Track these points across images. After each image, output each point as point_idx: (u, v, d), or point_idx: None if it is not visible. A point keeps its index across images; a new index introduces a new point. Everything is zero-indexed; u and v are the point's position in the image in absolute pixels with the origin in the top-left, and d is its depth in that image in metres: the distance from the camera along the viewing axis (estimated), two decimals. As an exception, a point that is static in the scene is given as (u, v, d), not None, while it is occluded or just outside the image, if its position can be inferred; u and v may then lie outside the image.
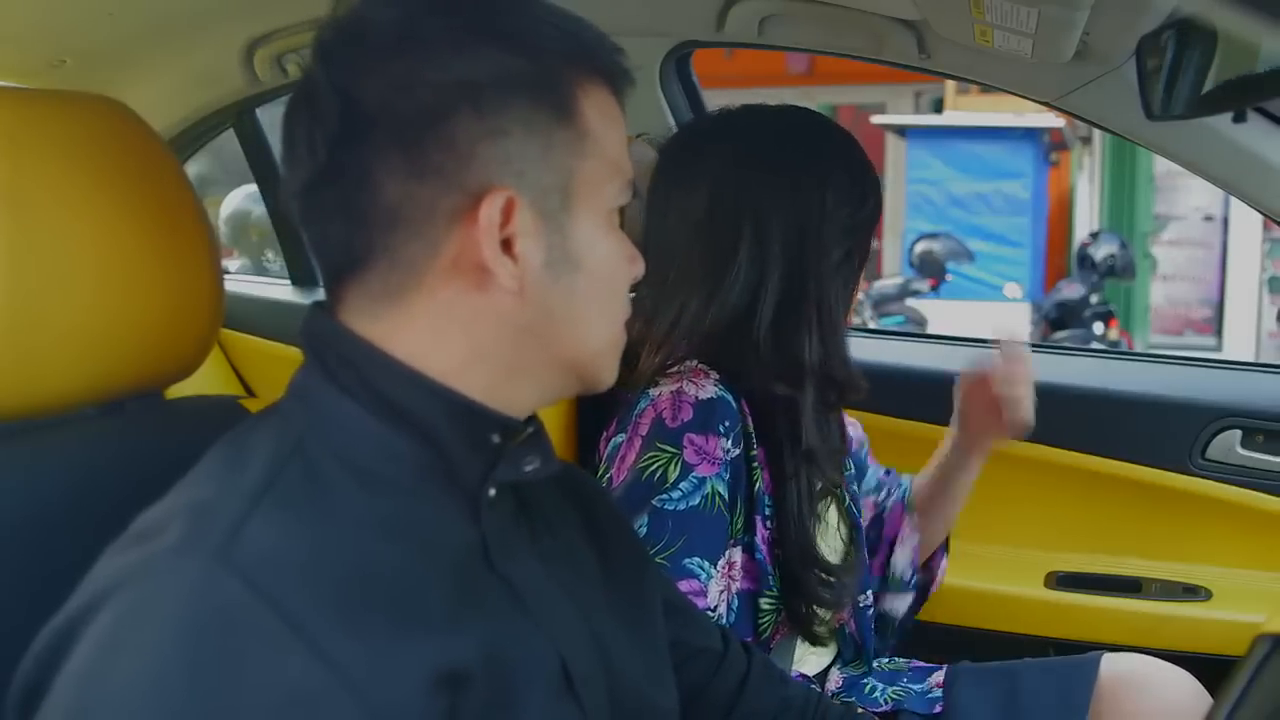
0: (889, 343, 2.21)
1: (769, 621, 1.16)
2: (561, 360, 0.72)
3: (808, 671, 1.26)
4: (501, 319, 0.68)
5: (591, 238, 0.70)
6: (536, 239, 0.68)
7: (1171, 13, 1.03)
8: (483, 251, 0.66)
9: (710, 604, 1.08)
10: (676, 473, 1.08)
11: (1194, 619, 1.53)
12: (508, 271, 0.67)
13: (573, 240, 0.69)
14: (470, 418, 0.69)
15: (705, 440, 1.09)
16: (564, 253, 0.69)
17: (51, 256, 0.77)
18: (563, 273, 0.69)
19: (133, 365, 0.85)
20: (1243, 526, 1.60)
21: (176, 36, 1.61)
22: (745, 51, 1.81)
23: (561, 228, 0.69)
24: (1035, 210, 8.32)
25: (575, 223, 0.69)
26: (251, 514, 0.60)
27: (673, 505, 1.08)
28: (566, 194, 0.69)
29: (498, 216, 0.66)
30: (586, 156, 0.69)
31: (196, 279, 0.86)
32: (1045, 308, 7.36)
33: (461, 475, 0.69)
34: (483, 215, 0.65)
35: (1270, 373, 1.83)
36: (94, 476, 0.80)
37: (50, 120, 0.81)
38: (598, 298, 0.72)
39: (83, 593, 0.60)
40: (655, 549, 1.06)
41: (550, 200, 0.68)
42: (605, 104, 0.72)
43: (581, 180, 0.69)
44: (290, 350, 2.14)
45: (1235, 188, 1.39)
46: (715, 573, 1.08)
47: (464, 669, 0.64)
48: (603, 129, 0.71)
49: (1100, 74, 1.29)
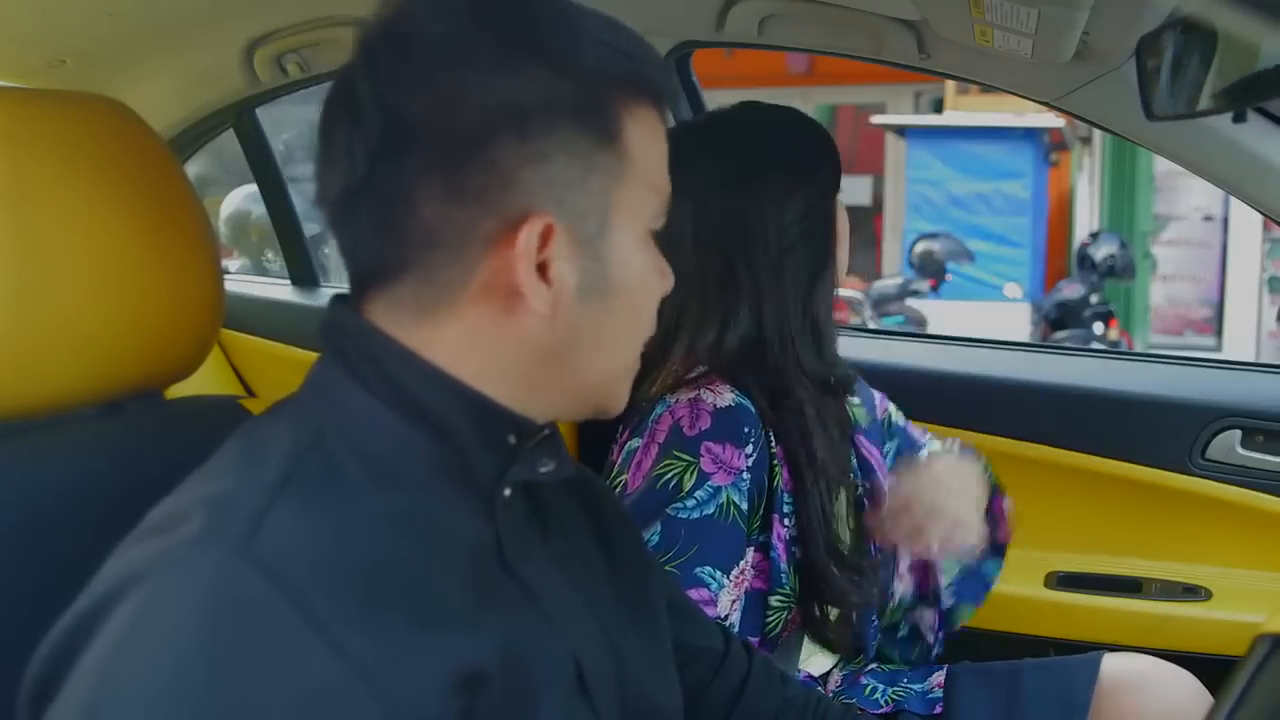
0: (889, 343, 2.21)
1: (777, 620, 1.16)
2: (579, 384, 0.71)
3: (814, 671, 1.26)
4: (527, 341, 0.68)
5: (627, 260, 0.69)
6: (572, 263, 0.67)
7: (1171, 13, 1.03)
8: (518, 276, 0.65)
9: (720, 613, 1.07)
10: (692, 481, 1.08)
11: (1194, 619, 1.53)
12: (541, 296, 0.66)
13: (609, 264, 0.68)
14: (488, 417, 0.68)
15: (723, 449, 1.09)
16: (598, 277, 0.68)
17: (51, 256, 0.77)
18: (595, 297, 0.68)
19: (133, 365, 0.85)
20: (1243, 526, 1.60)
21: (176, 36, 1.61)
22: (745, 51, 1.81)
23: (598, 253, 0.68)
24: (1035, 210, 8.31)
25: (612, 246, 0.68)
26: (271, 508, 0.60)
27: (686, 514, 1.07)
28: (604, 217, 0.68)
29: (535, 241, 0.65)
30: (627, 180, 0.68)
31: (196, 279, 0.86)
32: (1045, 308, 7.35)
33: (477, 474, 0.69)
34: (521, 240, 0.64)
35: (1270, 373, 1.83)
36: (94, 476, 0.80)
37: (50, 120, 0.81)
38: (626, 322, 0.71)
39: (98, 586, 0.60)
40: (667, 557, 1.05)
41: (588, 224, 0.67)
42: (649, 124, 0.70)
43: (620, 203, 0.68)
44: (290, 350, 2.15)
45: (1235, 188, 1.39)
46: (727, 582, 1.08)
47: (481, 668, 0.64)
48: (645, 151, 0.70)
49: (1100, 74, 1.30)
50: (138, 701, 0.54)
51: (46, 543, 0.75)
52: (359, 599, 0.59)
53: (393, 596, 0.61)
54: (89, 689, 0.55)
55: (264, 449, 0.65)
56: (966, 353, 1.87)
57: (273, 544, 0.58)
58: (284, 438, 0.65)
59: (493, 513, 0.69)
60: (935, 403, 1.70)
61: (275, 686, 0.55)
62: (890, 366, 1.73)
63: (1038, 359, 1.92)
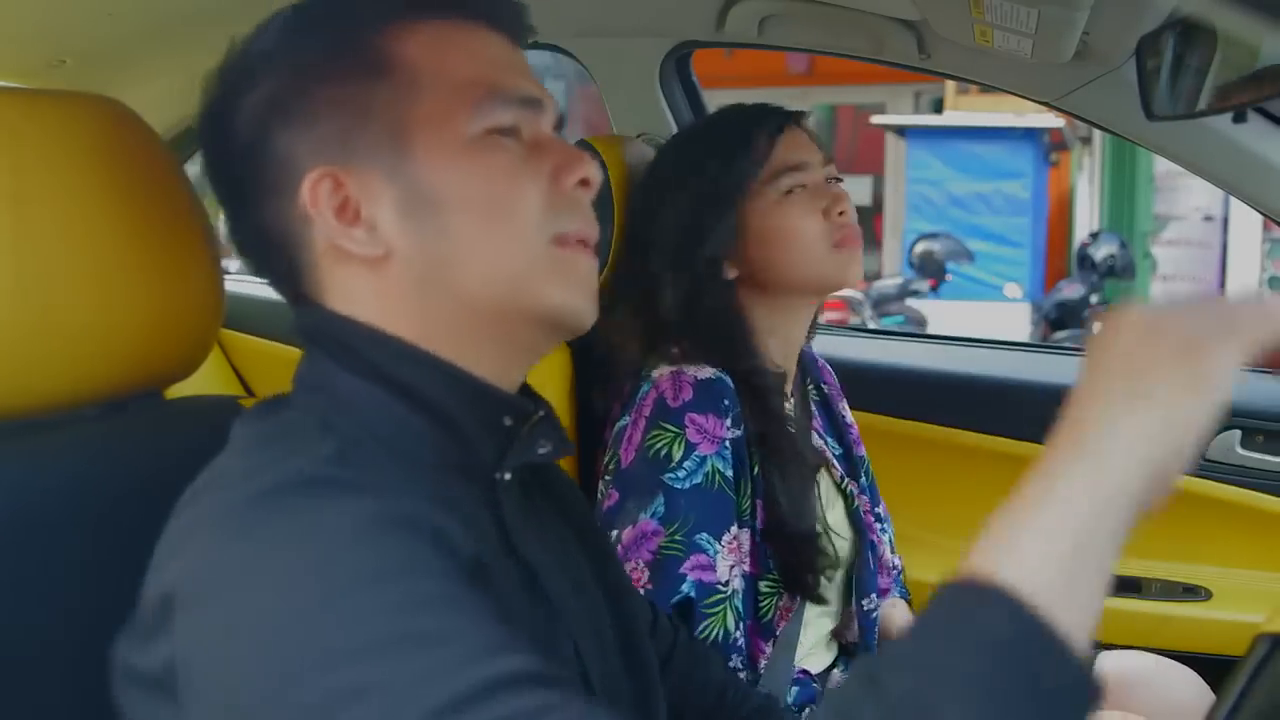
0: (889, 343, 2.21)
1: (769, 605, 1.18)
2: (486, 304, 0.69)
3: (811, 669, 1.27)
4: (398, 286, 0.68)
5: (447, 172, 0.67)
6: (379, 198, 0.67)
7: (1171, 13, 1.03)
8: (328, 230, 0.67)
9: (720, 578, 1.12)
10: (681, 451, 1.12)
11: (1194, 619, 1.53)
12: (359, 240, 0.67)
13: (422, 182, 0.67)
14: (481, 399, 0.69)
15: (706, 419, 1.13)
16: (415, 197, 0.67)
17: (51, 256, 0.77)
18: (423, 215, 0.67)
19: (132, 365, 0.84)
20: (1243, 526, 1.60)
21: (177, 36, 1.61)
22: (745, 51, 1.81)
23: (405, 175, 0.67)
24: (1035, 210, 8.32)
25: (419, 165, 0.67)
26: (329, 460, 0.61)
27: (679, 484, 1.12)
28: (400, 141, 0.67)
29: (325, 196, 0.67)
30: (420, 98, 0.68)
31: (197, 279, 0.86)
32: (1045, 308, 7.36)
33: (476, 457, 0.69)
34: (303, 199, 0.67)
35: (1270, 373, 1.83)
36: (94, 476, 0.80)
37: (50, 120, 0.81)
38: (482, 225, 0.68)
39: (167, 571, 0.60)
40: (672, 529, 1.10)
41: (380, 156, 0.67)
42: (437, 35, 0.70)
43: (417, 121, 0.68)
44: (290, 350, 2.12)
45: (1235, 188, 1.39)
46: (721, 548, 1.12)
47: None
48: (439, 60, 0.69)
49: (1100, 74, 1.30)
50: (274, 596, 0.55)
51: (46, 542, 0.75)
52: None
53: None
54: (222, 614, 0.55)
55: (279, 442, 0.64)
56: (966, 353, 1.87)
57: (348, 462, 0.61)
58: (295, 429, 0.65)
59: (494, 497, 0.69)
60: (935, 403, 1.70)
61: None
62: (890, 367, 1.73)
63: (1038, 359, 1.92)
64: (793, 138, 1.25)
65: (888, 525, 1.40)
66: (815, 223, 1.22)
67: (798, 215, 1.22)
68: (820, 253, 1.22)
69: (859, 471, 1.36)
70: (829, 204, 1.23)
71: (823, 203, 1.23)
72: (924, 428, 1.68)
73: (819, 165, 1.25)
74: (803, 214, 1.22)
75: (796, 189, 1.23)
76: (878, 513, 1.36)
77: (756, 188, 1.22)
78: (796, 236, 1.22)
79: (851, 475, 1.34)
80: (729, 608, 1.12)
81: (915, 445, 1.62)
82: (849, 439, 1.38)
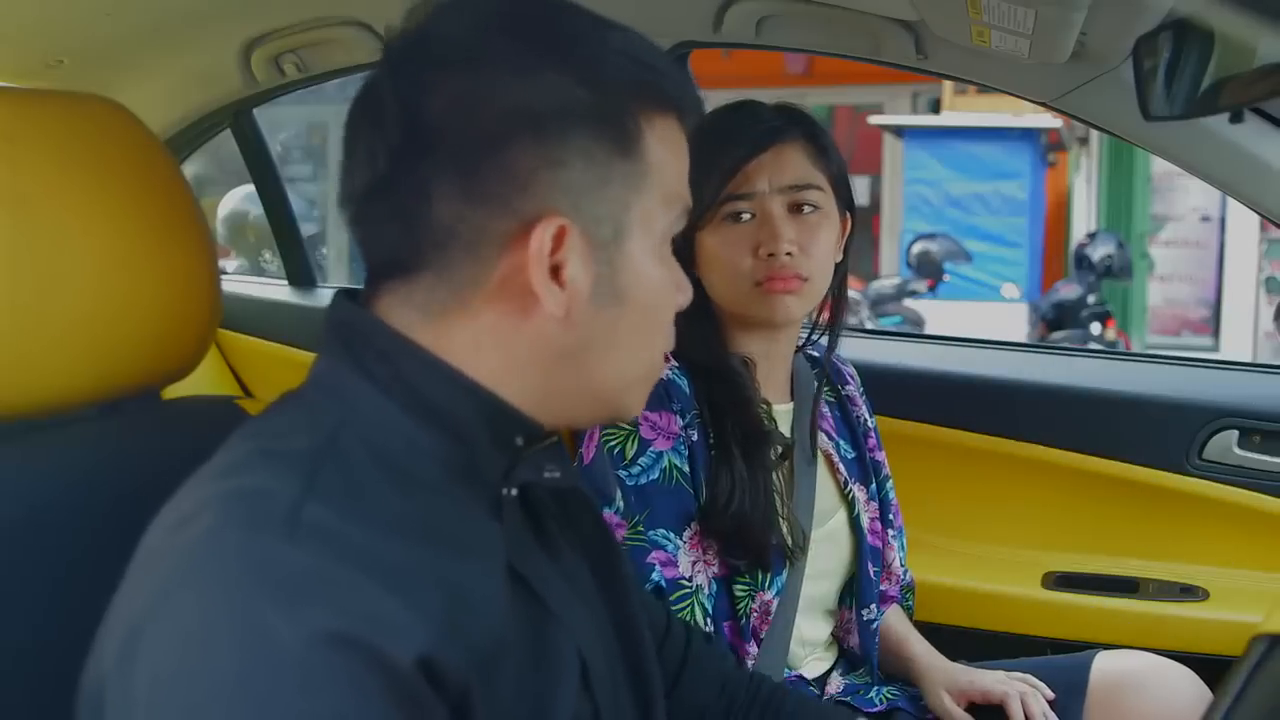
0: (886, 343, 2.21)
1: (745, 606, 1.18)
2: (594, 389, 0.72)
3: (807, 675, 1.26)
4: (541, 343, 0.68)
5: (641, 269, 0.70)
6: (586, 267, 0.67)
7: (1169, 13, 1.03)
8: (532, 276, 0.66)
9: (683, 573, 1.13)
10: (635, 448, 1.15)
11: (1191, 619, 1.53)
12: (554, 298, 0.66)
13: (622, 272, 0.69)
14: (499, 418, 0.69)
15: (659, 416, 1.16)
16: (611, 284, 0.69)
17: (49, 257, 0.77)
18: (608, 303, 0.69)
19: (130, 365, 0.84)
20: (1240, 526, 1.60)
21: (174, 36, 1.61)
22: (743, 52, 1.81)
23: (611, 259, 0.69)
24: (1033, 211, 8.32)
25: (626, 255, 0.69)
26: (305, 503, 0.60)
27: (633, 480, 1.14)
28: (619, 225, 0.69)
29: (549, 243, 0.66)
30: (644, 190, 0.69)
31: (194, 279, 0.86)
32: (1043, 308, 7.36)
33: (482, 473, 0.69)
34: (534, 241, 0.65)
35: (1267, 373, 1.83)
36: (91, 476, 0.80)
37: (48, 120, 0.81)
38: (639, 329, 0.72)
39: (139, 590, 0.60)
40: (632, 522, 1.12)
41: (603, 230, 0.68)
42: (670, 135, 0.71)
43: (637, 212, 0.69)
44: (288, 351, 2.15)
45: (1232, 188, 1.39)
46: (682, 543, 1.14)
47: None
48: (665, 161, 0.70)
49: (1097, 74, 1.30)
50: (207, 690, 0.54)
51: (45, 542, 0.75)
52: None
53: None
54: (163, 690, 0.55)
55: (280, 449, 0.64)
56: (963, 353, 1.87)
57: (315, 529, 0.59)
58: (299, 437, 0.65)
59: (498, 513, 0.70)
60: (932, 403, 1.70)
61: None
62: (888, 367, 1.73)
63: (1035, 359, 1.92)
64: (775, 156, 1.18)
65: (900, 536, 1.38)
66: (744, 258, 1.18)
67: (730, 245, 1.18)
68: (744, 288, 1.18)
69: (870, 476, 1.34)
70: (761, 241, 1.17)
71: (757, 239, 1.17)
72: (922, 428, 1.68)
73: (785, 191, 1.18)
74: (735, 246, 1.18)
75: (740, 216, 1.18)
76: (889, 519, 1.35)
77: (712, 207, 1.18)
78: (725, 267, 1.19)
79: (862, 480, 1.32)
80: (695, 603, 1.13)
81: (914, 445, 1.62)
82: (864, 444, 1.35)
